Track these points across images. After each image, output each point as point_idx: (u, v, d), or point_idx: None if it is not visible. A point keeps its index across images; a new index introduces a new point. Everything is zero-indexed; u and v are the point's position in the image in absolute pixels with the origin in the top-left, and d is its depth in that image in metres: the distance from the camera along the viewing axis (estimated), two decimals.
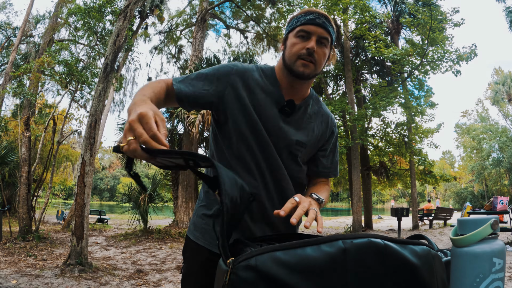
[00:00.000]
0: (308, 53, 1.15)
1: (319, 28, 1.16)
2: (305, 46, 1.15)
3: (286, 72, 1.21)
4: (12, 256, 5.93)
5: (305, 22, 1.17)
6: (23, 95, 10.32)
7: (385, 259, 0.64)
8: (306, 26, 1.17)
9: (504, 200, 7.60)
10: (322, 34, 1.16)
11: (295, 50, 1.17)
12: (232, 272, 0.61)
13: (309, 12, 1.18)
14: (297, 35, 1.18)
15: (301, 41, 1.17)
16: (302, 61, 1.16)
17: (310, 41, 1.15)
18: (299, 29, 1.17)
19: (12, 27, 18.72)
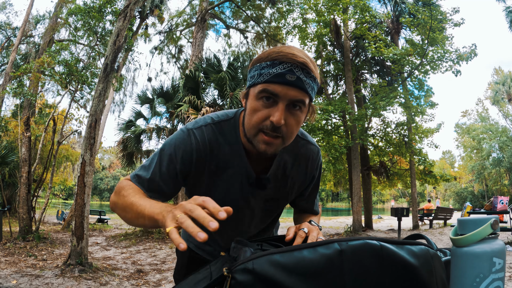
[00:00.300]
0: (273, 128, 0.86)
1: (291, 88, 0.83)
2: (269, 115, 0.85)
3: (248, 142, 0.95)
4: (12, 256, 5.93)
5: (270, 79, 0.83)
6: (23, 95, 10.32)
7: (381, 260, 0.64)
8: (271, 86, 0.84)
9: (504, 200, 7.60)
10: (294, 98, 0.84)
11: (255, 120, 0.87)
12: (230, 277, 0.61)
13: (277, 60, 0.83)
14: (259, 97, 0.86)
15: (264, 105, 0.86)
16: (264, 137, 0.87)
17: (276, 110, 0.84)
18: (262, 89, 0.85)
19: (12, 27, 18.73)
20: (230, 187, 1.04)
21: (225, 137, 1.00)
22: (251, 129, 0.89)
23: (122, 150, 10.71)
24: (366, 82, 16.12)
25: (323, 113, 12.25)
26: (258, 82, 0.86)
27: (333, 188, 19.82)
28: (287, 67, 0.82)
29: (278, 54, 0.83)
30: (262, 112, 0.86)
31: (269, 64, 0.84)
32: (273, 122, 0.84)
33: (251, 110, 0.88)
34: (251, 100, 0.89)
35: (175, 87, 10.66)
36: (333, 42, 14.42)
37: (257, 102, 0.87)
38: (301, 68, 0.83)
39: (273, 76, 0.83)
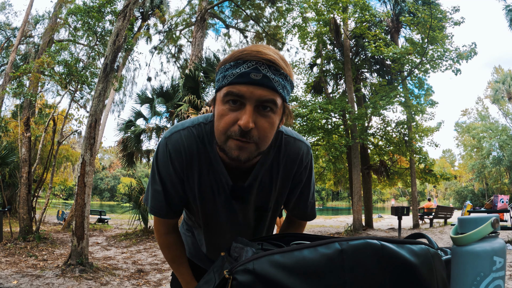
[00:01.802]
0: (242, 133, 0.78)
1: (258, 88, 0.76)
2: (237, 119, 0.78)
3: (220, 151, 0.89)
4: (13, 257, 5.93)
5: (233, 80, 0.77)
6: (23, 95, 10.32)
7: (382, 260, 0.64)
8: (235, 87, 0.77)
9: (504, 199, 7.60)
10: (262, 97, 0.77)
11: (223, 126, 0.80)
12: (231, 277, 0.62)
13: (241, 60, 0.77)
14: (225, 101, 0.80)
15: (231, 109, 0.79)
16: (236, 142, 0.80)
17: (244, 113, 0.77)
18: (226, 92, 0.78)
19: (12, 28, 18.72)
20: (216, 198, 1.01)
21: (203, 142, 0.95)
22: (220, 135, 0.82)
23: (122, 150, 10.71)
24: (366, 81, 16.12)
25: (323, 112, 12.25)
26: (223, 85, 0.80)
27: (333, 187, 19.82)
28: (251, 65, 0.76)
29: (242, 53, 0.78)
30: (229, 116, 0.79)
31: (232, 64, 0.78)
32: (241, 126, 0.77)
33: (218, 116, 0.82)
34: (218, 105, 0.82)
35: (175, 86, 10.65)
36: (333, 41, 14.41)
37: (223, 107, 0.80)
38: (268, 65, 0.77)
39: (237, 76, 0.77)
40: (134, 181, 13.85)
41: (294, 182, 1.06)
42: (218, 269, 0.76)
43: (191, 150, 0.95)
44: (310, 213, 1.15)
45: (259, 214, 1.08)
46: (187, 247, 1.26)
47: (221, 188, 0.99)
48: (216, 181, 0.98)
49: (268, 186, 1.02)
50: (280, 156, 0.99)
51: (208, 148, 0.95)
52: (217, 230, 1.12)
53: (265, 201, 1.05)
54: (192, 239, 1.25)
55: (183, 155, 0.95)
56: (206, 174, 0.98)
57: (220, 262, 0.80)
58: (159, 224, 1.07)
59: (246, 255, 0.73)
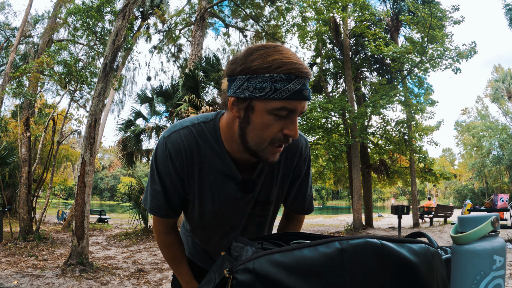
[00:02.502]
0: (286, 140, 0.86)
1: (305, 103, 0.83)
2: (282, 128, 0.84)
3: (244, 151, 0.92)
4: (13, 257, 5.93)
5: (289, 97, 0.80)
6: (23, 95, 10.32)
7: (382, 259, 0.64)
8: (291, 103, 0.81)
9: (504, 198, 7.60)
10: (304, 110, 0.84)
11: (269, 135, 0.84)
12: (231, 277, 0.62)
13: (293, 75, 0.79)
14: (273, 113, 0.82)
15: (277, 119, 0.83)
16: (275, 149, 0.87)
17: (292, 123, 0.83)
18: (281, 107, 0.81)
19: (11, 28, 18.70)
20: (219, 194, 1.01)
21: (205, 140, 0.97)
22: (263, 142, 0.86)
23: (122, 150, 10.71)
24: (366, 80, 16.12)
25: (323, 111, 12.25)
26: (275, 98, 0.80)
27: (333, 186, 19.83)
28: (301, 82, 0.80)
29: (291, 66, 0.79)
30: (275, 126, 0.83)
31: (284, 78, 0.79)
32: (290, 135, 0.84)
33: (263, 125, 0.83)
34: (261, 115, 0.83)
35: (175, 86, 10.65)
36: (332, 40, 14.41)
37: (270, 117, 0.82)
38: (308, 80, 0.82)
39: (293, 93, 0.79)
40: (134, 180, 13.85)
41: (294, 175, 1.10)
42: (219, 269, 0.76)
43: (191, 148, 0.96)
44: (308, 206, 1.18)
45: (261, 209, 1.09)
46: (187, 247, 1.26)
47: (226, 183, 1.00)
48: (220, 177, 0.99)
49: (270, 179, 1.05)
50: (284, 151, 1.03)
51: (214, 145, 0.97)
52: (218, 229, 1.12)
53: (268, 195, 1.07)
54: (193, 239, 1.25)
55: (182, 154, 0.96)
56: (209, 172, 0.99)
57: (221, 261, 0.80)
58: (158, 223, 1.08)
59: (246, 254, 0.74)
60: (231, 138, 0.94)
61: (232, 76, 0.85)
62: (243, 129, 0.87)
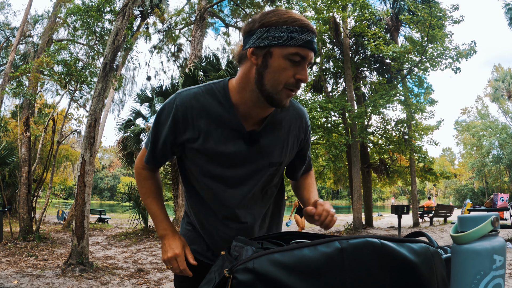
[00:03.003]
0: (298, 85, 0.98)
1: (312, 52, 0.97)
2: (295, 73, 0.96)
3: (258, 97, 1.01)
4: (13, 257, 5.94)
5: (303, 44, 0.94)
6: (23, 95, 10.31)
7: (382, 258, 0.64)
8: (304, 51, 0.95)
9: (504, 197, 7.60)
10: (312, 60, 0.98)
11: (284, 77, 0.97)
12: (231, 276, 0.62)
13: (305, 28, 0.95)
14: (288, 58, 0.95)
15: (292, 65, 0.96)
16: (289, 93, 0.99)
17: (303, 69, 0.97)
18: (295, 52, 0.94)
19: (11, 28, 18.69)
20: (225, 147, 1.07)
21: (215, 97, 1.06)
22: (278, 84, 0.97)
23: (122, 150, 10.71)
24: (366, 80, 16.12)
25: (323, 111, 12.25)
26: (291, 44, 0.94)
27: (333, 186, 19.83)
28: (311, 35, 0.95)
29: (303, 22, 0.95)
30: (290, 70, 0.96)
31: (298, 29, 0.94)
32: (302, 80, 0.97)
33: (279, 69, 0.96)
34: (278, 59, 0.96)
35: (175, 85, 10.64)
36: (332, 40, 14.40)
37: (285, 62, 0.95)
38: (315, 35, 0.98)
39: (305, 42, 0.94)
40: (134, 180, 13.84)
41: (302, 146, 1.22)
42: (219, 269, 0.76)
43: (199, 103, 1.05)
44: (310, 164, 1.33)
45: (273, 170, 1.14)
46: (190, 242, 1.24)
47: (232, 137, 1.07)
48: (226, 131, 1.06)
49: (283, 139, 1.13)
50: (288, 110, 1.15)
51: (222, 101, 1.06)
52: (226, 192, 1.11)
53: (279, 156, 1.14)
54: (194, 234, 1.24)
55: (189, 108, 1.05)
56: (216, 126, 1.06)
57: (221, 261, 0.80)
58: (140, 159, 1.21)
59: (246, 254, 0.74)
60: (244, 89, 1.03)
61: (251, 31, 0.99)
62: (261, 73, 0.98)
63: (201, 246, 1.23)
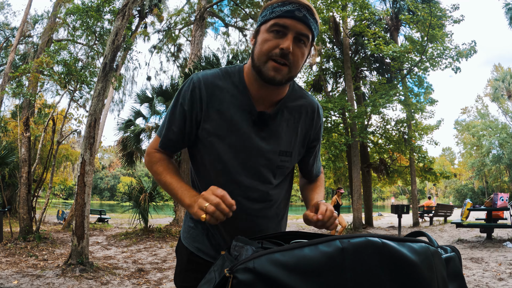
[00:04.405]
0: (282, 54, 0.97)
1: (299, 23, 0.97)
2: (278, 44, 0.97)
3: (255, 74, 1.04)
4: (13, 257, 5.94)
5: (281, 14, 0.97)
6: (23, 95, 10.31)
7: (383, 257, 0.64)
8: (282, 20, 0.97)
9: (504, 197, 7.60)
10: (301, 31, 0.98)
11: (266, 48, 0.99)
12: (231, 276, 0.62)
13: (287, 1, 0.97)
14: (270, 30, 0.99)
15: (274, 37, 0.98)
16: (274, 64, 0.98)
17: (286, 39, 0.97)
18: (273, 23, 0.98)
19: (11, 28, 18.68)
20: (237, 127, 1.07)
21: (230, 79, 1.09)
22: (262, 56, 0.99)
23: (122, 150, 10.71)
24: (366, 79, 16.12)
25: (323, 111, 12.24)
26: (270, 17, 0.99)
27: (333, 185, 19.82)
28: (295, 6, 0.97)
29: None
30: (272, 41, 0.98)
31: (280, 4, 0.98)
32: (283, 48, 0.96)
33: (262, 41, 1.00)
34: (262, 34, 1.01)
35: (175, 85, 10.64)
36: (332, 39, 14.40)
37: (268, 34, 0.99)
38: (307, 9, 0.98)
39: (284, 12, 0.97)
40: (134, 180, 13.85)
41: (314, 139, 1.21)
42: (219, 268, 0.76)
43: (214, 83, 1.08)
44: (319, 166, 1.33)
45: (283, 160, 1.13)
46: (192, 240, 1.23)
47: (244, 117, 1.08)
48: (239, 111, 1.07)
49: (293, 128, 1.13)
50: (300, 100, 1.15)
51: (236, 82, 1.09)
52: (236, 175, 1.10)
53: (289, 144, 1.13)
54: (196, 231, 1.23)
55: (206, 86, 1.07)
56: (229, 106, 1.07)
57: (221, 261, 0.80)
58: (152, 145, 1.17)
59: (246, 253, 0.73)
60: (250, 70, 1.07)
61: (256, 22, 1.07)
62: (252, 51, 1.04)
63: (204, 244, 1.22)
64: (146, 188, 10.07)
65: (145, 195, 9.77)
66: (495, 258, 5.98)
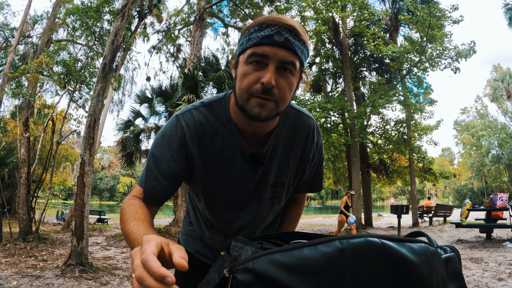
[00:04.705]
0: (264, 90, 0.83)
1: (280, 49, 0.83)
2: (259, 78, 0.84)
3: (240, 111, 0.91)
4: (13, 257, 5.93)
5: (258, 42, 0.83)
6: (22, 96, 10.30)
7: (382, 258, 0.64)
8: (260, 48, 0.83)
9: (503, 197, 7.60)
10: (284, 58, 0.83)
11: (246, 84, 0.86)
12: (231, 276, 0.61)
13: (265, 24, 0.83)
14: (248, 61, 0.85)
15: (254, 69, 0.85)
16: (257, 100, 0.85)
17: (266, 71, 0.83)
18: (251, 52, 0.84)
19: (10, 28, 18.68)
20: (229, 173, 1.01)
21: (217, 117, 0.98)
22: (243, 93, 0.87)
23: (122, 150, 10.70)
24: (365, 80, 16.13)
25: (322, 111, 12.25)
26: (247, 47, 0.86)
27: (333, 186, 19.84)
28: (275, 29, 0.83)
29: (266, 19, 0.84)
30: (252, 75, 0.85)
31: (257, 29, 0.84)
32: (264, 83, 0.82)
33: (241, 75, 0.87)
34: (241, 66, 0.88)
35: (174, 86, 10.64)
36: (331, 40, 14.41)
37: (247, 67, 0.86)
38: (289, 30, 0.83)
39: (261, 38, 0.83)
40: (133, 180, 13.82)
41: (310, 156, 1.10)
42: (218, 269, 0.76)
43: (202, 125, 0.98)
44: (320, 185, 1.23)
45: (274, 191, 1.08)
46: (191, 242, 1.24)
47: (236, 158, 1.00)
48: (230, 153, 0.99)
49: (287, 160, 1.05)
50: (292, 127, 1.04)
51: (223, 121, 0.98)
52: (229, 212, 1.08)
53: (282, 176, 1.07)
54: (195, 235, 1.24)
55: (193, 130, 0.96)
56: (219, 148, 0.99)
57: (220, 261, 0.80)
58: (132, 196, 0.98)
59: (245, 254, 0.73)
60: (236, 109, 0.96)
61: None
62: (234, 86, 0.92)
63: (201, 246, 1.23)
64: None
65: None
66: (495, 258, 5.98)
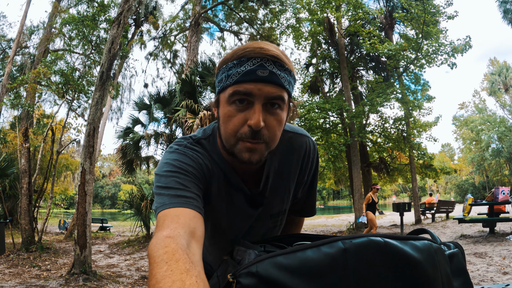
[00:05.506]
0: (252, 134, 0.74)
1: (266, 85, 0.73)
2: (246, 119, 0.74)
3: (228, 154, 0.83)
4: (16, 268, 5.92)
5: (239, 79, 0.74)
6: (21, 106, 10.31)
7: (386, 257, 0.64)
8: (241, 86, 0.73)
9: (505, 190, 7.61)
10: (271, 94, 0.74)
11: (231, 128, 0.76)
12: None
13: (245, 57, 0.73)
14: (231, 101, 0.75)
15: (238, 110, 0.75)
16: (246, 145, 0.76)
17: (253, 112, 0.73)
18: (232, 91, 0.74)
19: (7, 39, 18.72)
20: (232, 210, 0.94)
21: (210, 157, 0.88)
22: (229, 138, 0.77)
23: (122, 157, 10.70)
24: (362, 79, 16.16)
25: (321, 112, 12.26)
26: (227, 85, 0.75)
27: (334, 186, 19.83)
28: (256, 62, 0.73)
29: (244, 50, 0.74)
30: (237, 117, 0.75)
31: (236, 63, 0.74)
32: (252, 126, 0.73)
33: (224, 117, 0.77)
34: (223, 107, 0.78)
35: (172, 92, 10.66)
36: (327, 40, 14.45)
37: (230, 108, 0.76)
38: (273, 61, 0.73)
39: (242, 74, 0.73)
40: (134, 187, 13.84)
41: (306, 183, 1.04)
42: (222, 273, 0.76)
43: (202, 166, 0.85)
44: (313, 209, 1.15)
45: (275, 220, 1.04)
46: None
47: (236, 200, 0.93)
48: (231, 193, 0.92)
49: (286, 187, 0.98)
50: (286, 151, 0.94)
51: (218, 162, 0.88)
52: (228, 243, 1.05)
53: (283, 205, 1.01)
54: None
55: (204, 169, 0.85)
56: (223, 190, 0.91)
57: (224, 266, 0.80)
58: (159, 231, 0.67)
59: (249, 258, 0.73)
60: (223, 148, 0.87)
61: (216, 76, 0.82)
62: (218, 128, 0.82)
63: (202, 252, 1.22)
64: (147, 195, 10.06)
65: (146, 202, 9.76)
66: (499, 252, 5.97)
